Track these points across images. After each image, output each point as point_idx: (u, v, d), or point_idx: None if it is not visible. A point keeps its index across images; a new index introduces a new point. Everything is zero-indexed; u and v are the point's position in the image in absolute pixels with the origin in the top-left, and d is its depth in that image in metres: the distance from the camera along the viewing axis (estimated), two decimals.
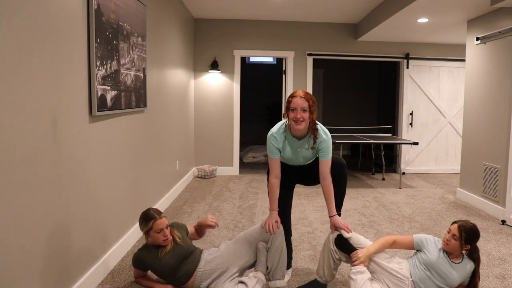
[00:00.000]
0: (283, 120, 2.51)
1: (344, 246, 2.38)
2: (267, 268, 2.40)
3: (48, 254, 2.00)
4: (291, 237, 2.83)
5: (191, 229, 2.70)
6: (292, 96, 2.37)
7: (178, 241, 2.44)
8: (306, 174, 2.65)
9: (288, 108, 2.37)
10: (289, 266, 2.74)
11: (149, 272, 2.60)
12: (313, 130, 2.41)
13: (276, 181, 2.50)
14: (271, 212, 2.49)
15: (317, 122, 2.44)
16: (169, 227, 2.44)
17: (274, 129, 2.49)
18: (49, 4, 1.97)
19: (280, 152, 2.50)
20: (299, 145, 2.49)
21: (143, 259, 2.43)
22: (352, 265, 2.30)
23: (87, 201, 2.44)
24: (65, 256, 2.18)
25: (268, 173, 2.58)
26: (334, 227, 2.46)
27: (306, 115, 2.33)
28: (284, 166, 2.59)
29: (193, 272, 2.41)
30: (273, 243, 2.40)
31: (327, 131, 2.49)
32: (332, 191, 2.49)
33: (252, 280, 2.25)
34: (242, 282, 2.26)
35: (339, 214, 2.53)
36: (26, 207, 1.81)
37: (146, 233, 2.39)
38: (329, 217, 2.49)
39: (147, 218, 2.38)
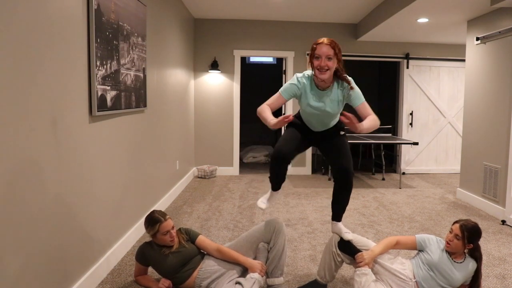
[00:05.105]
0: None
1: (348, 249, 2.38)
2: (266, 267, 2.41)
3: (48, 254, 2.00)
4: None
5: (204, 240, 2.53)
6: (316, 43, 2.20)
7: (182, 243, 2.45)
8: (324, 139, 2.46)
9: (312, 56, 2.21)
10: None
11: (149, 272, 2.60)
12: (342, 78, 2.25)
13: (267, 106, 2.30)
14: (272, 121, 2.17)
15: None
16: (174, 228, 2.44)
17: (301, 73, 2.34)
18: (49, 4, 1.97)
19: (294, 96, 2.32)
20: (323, 94, 2.31)
21: (146, 253, 2.44)
22: (357, 267, 2.30)
23: (86, 201, 2.44)
24: (65, 256, 2.18)
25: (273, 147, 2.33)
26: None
27: (331, 63, 2.17)
28: (304, 126, 2.46)
29: (193, 272, 2.41)
30: (276, 242, 2.42)
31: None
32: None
33: (249, 282, 2.25)
34: (239, 283, 2.27)
35: (340, 221, 2.44)
36: (25, 206, 1.81)
37: (153, 235, 2.39)
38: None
39: (153, 221, 2.38)
